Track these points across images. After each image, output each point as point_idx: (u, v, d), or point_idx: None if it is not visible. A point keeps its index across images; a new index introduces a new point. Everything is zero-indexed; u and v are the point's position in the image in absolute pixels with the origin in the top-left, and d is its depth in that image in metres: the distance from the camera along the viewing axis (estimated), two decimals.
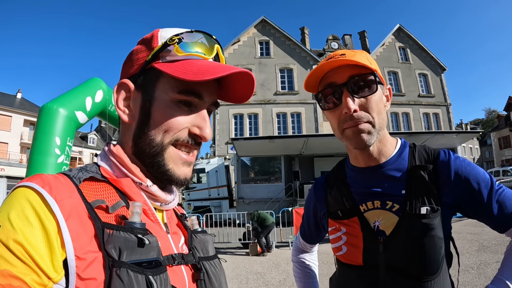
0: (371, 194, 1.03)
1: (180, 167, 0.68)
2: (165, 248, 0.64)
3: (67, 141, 4.03)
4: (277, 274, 6.13)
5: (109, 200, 0.61)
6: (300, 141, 15.82)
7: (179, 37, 0.67)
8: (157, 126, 0.65)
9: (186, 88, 0.65)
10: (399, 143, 1.09)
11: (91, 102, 4.59)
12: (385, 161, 1.03)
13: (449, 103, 26.90)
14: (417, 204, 0.94)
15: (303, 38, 28.35)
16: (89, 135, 48.66)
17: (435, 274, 0.92)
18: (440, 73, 27.45)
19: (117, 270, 0.51)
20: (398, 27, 27.76)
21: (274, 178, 19.04)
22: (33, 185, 0.52)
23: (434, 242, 0.91)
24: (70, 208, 0.52)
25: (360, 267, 1.00)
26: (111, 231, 0.54)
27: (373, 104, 0.95)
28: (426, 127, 25.99)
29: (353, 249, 1.02)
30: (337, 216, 1.08)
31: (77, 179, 0.59)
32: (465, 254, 6.31)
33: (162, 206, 0.72)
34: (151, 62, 0.67)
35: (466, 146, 43.82)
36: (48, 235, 0.49)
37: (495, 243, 6.91)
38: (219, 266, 0.76)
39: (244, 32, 26.03)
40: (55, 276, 0.48)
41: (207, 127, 0.69)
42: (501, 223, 0.97)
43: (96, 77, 4.94)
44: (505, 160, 43.02)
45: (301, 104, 24.79)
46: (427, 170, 0.98)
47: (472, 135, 22.45)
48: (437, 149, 1.04)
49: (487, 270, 5.29)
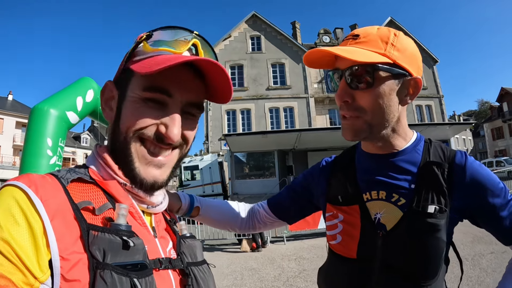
0: (377, 182, 0.96)
1: (146, 168, 0.66)
2: (152, 252, 0.63)
3: (59, 142, 3.99)
4: (272, 270, 6.17)
5: (96, 201, 0.60)
6: (293, 135, 15.85)
7: (148, 34, 0.68)
8: (124, 122, 0.66)
9: (150, 84, 0.64)
10: (414, 135, 1.00)
11: (82, 102, 4.54)
12: (399, 151, 0.96)
13: (442, 95, 27.06)
14: (425, 202, 0.88)
15: (295, 33, 28.27)
16: (82, 135, 48.25)
17: (434, 279, 0.89)
18: (432, 65, 27.55)
19: (101, 272, 0.50)
20: (389, 20, 27.81)
21: (268, 173, 19.11)
22: (20, 184, 0.52)
23: (438, 245, 0.87)
24: (56, 208, 0.52)
25: (352, 260, 0.95)
26: (96, 232, 0.53)
27: (371, 99, 0.86)
28: (419, 119, 26.13)
29: (348, 240, 0.96)
30: (336, 201, 1.02)
31: (65, 179, 0.59)
32: (460, 245, 6.26)
33: (149, 208, 0.71)
34: (127, 62, 0.69)
35: (460, 137, 44.15)
36: (34, 235, 0.48)
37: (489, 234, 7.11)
38: (207, 272, 0.75)
39: (235, 27, 25.90)
40: (41, 276, 0.47)
41: (175, 127, 0.65)
42: (508, 235, 0.95)
43: (87, 77, 4.88)
44: (498, 150, 43.66)
45: (294, 98, 24.82)
46: (441, 169, 0.92)
47: (465, 127, 22.61)
48: (453, 150, 0.98)
49: (482, 261, 5.32)
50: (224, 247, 8.92)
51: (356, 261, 0.94)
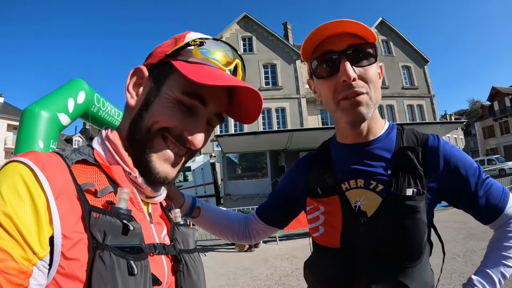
0: (355, 172, 0.99)
1: (162, 164, 0.68)
2: (147, 237, 0.64)
3: (51, 144, 3.97)
4: (264, 269, 6.21)
5: (98, 184, 0.62)
6: (285, 136, 15.84)
7: (201, 40, 0.69)
8: (153, 116, 0.66)
9: (191, 90, 0.66)
10: (387, 124, 1.05)
11: (73, 104, 4.52)
12: (373, 139, 1.00)
13: (433, 95, 27.24)
14: (403, 186, 0.91)
15: (286, 33, 28.40)
16: (74, 138, 47.36)
17: (418, 261, 0.90)
18: (423, 65, 27.76)
19: (101, 252, 0.52)
20: (380, 20, 27.93)
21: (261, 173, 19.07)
22: (27, 161, 0.52)
23: (419, 226, 0.88)
24: (61, 187, 0.53)
25: (337, 249, 0.96)
26: (98, 214, 0.54)
27: (372, 76, 0.90)
28: (410, 118, 26.27)
29: (331, 230, 0.97)
30: (316, 193, 1.04)
31: (69, 160, 0.59)
32: (452, 242, 6.35)
33: (148, 199, 0.73)
34: (170, 57, 0.69)
35: (451, 136, 44.50)
36: (38, 211, 0.49)
37: (482, 231, 6.98)
38: (198, 260, 0.77)
39: (227, 28, 25.89)
40: (40, 252, 0.48)
41: (200, 135, 0.68)
42: (486, 215, 0.98)
43: (78, 78, 4.86)
44: (490, 149, 43.80)
45: (286, 99, 24.88)
46: (415, 153, 0.95)
47: (456, 126, 22.76)
48: (426, 134, 1.02)
49: (474, 258, 5.35)
50: (217, 247, 8.92)
51: (341, 250, 0.95)
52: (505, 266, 0.93)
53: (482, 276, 0.93)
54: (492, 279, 0.91)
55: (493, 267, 0.93)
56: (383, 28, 27.84)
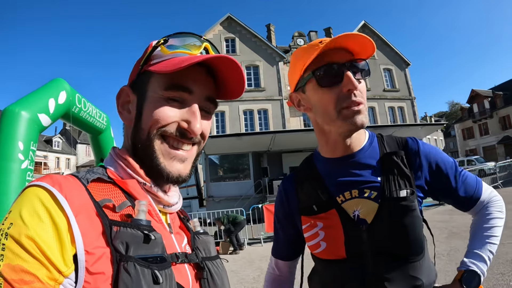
0: (347, 184, 1.03)
1: (171, 163, 0.69)
2: (168, 247, 0.65)
3: (31, 146, 3.83)
4: (251, 271, 6.22)
5: (116, 200, 0.63)
6: (268, 137, 15.94)
7: (165, 38, 0.72)
8: (147, 121, 0.68)
9: (172, 83, 0.68)
10: (367, 133, 1.11)
11: (54, 104, 4.39)
12: (359, 150, 1.05)
13: (414, 97, 27.71)
14: (396, 188, 0.97)
15: (269, 35, 28.51)
16: (53, 139, 45.90)
17: (421, 255, 0.97)
18: (405, 68, 28.19)
19: (125, 264, 0.52)
20: (363, 24, 28.24)
21: (243, 175, 19.10)
22: (44, 184, 0.54)
23: (417, 223, 0.95)
24: (79, 205, 0.54)
25: (344, 259, 0.99)
26: (118, 227, 0.56)
27: (364, 89, 0.98)
28: (391, 120, 26.71)
29: (334, 243, 1.00)
30: (311, 211, 1.06)
31: (85, 179, 0.61)
32: (436, 241, 6.44)
33: (165, 208, 0.74)
34: (144, 65, 0.72)
35: (431, 137, 45.52)
36: (59, 231, 0.50)
37: (464, 229, 7.18)
38: (221, 266, 0.78)
39: (210, 29, 25.74)
40: (65, 270, 0.49)
41: (197, 122, 0.69)
42: (465, 203, 1.09)
43: (59, 78, 4.73)
44: (469, 150, 45.01)
45: (268, 100, 24.96)
46: (399, 156, 1.01)
47: (436, 127, 23.13)
48: (404, 138, 1.10)
49: (458, 256, 5.45)
50: None
51: (348, 260, 0.98)
52: (490, 244, 1.03)
53: (472, 256, 1.02)
54: (482, 258, 1.01)
55: (480, 247, 1.03)
56: (365, 31, 28.07)
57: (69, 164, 48.19)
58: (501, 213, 1.09)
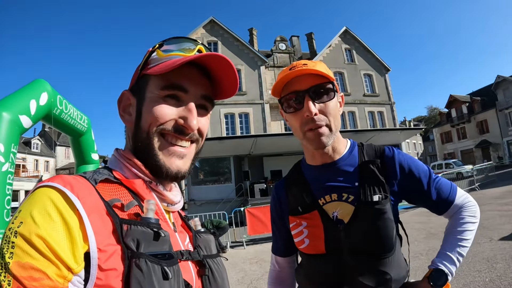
0: (328, 188, 1.14)
1: (170, 159, 0.72)
2: (173, 244, 0.68)
3: (12, 148, 3.74)
4: (234, 273, 6.22)
5: (123, 199, 0.65)
6: (250, 141, 16.01)
7: (161, 43, 0.77)
8: (145, 121, 0.71)
9: (167, 83, 0.71)
10: (349, 142, 1.22)
11: (35, 105, 4.29)
12: (339, 158, 1.16)
13: (393, 102, 28.04)
14: (370, 193, 1.07)
15: (251, 39, 28.61)
16: (32, 140, 43.73)
17: (391, 252, 1.06)
18: (384, 74, 28.52)
19: (136, 260, 0.55)
20: (344, 30, 28.45)
21: (224, 178, 19.07)
22: (55, 185, 0.55)
23: (388, 224, 1.05)
24: (91, 205, 0.56)
25: (323, 255, 1.10)
26: (129, 226, 0.58)
27: (330, 109, 1.07)
28: (371, 125, 26.99)
29: (316, 240, 1.11)
30: (297, 211, 1.17)
31: (93, 180, 0.63)
32: (414, 242, 6.62)
33: (169, 206, 0.77)
34: (142, 70, 0.76)
35: (410, 141, 46.29)
36: (70, 229, 0.52)
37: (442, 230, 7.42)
38: (221, 264, 0.83)
39: (193, 32, 25.57)
40: (75, 267, 0.51)
41: (193, 118, 0.72)
42: (438, 206, 1.17)
43: (41, 79, 4.63)
44: (447, 153, 46.28)
45: (249, 104, 24.98)
46: (375, 164, 1.12)
47: (415, 131, 23.18)
48: (382, 146, 1.20)
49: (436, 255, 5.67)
50: None
51: (327, 254, 1.10)
52: (460, 246, 1.11)
53: (442, 257, 1.11)
54: (451, 259, 1.09)
55: (451, 249, 1.11)
56: (346, 37, 28.44)
57: (48, 166, 46.08)
58: (474, 217, 1.16)
